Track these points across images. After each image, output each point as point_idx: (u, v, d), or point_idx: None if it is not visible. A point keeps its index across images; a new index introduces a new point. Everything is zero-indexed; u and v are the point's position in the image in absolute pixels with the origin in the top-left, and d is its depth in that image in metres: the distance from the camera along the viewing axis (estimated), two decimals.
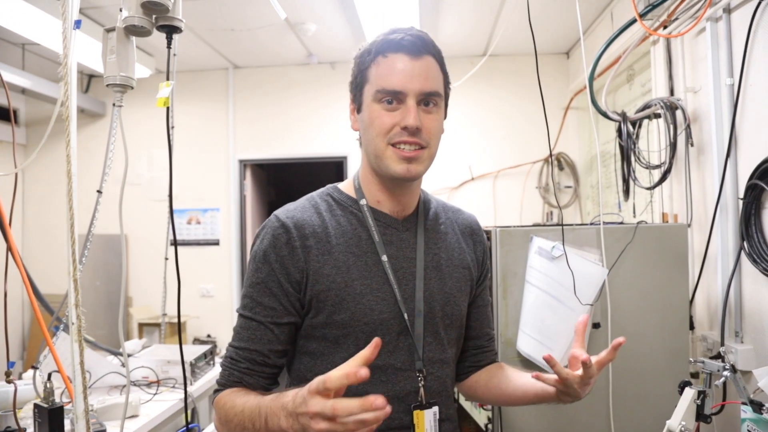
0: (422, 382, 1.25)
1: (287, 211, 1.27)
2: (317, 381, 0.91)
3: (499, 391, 1.40)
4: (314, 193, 1.34)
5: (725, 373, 1.59)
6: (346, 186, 1.35)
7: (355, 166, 5.08)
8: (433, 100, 1.23)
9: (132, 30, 1.54)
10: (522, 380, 1.35)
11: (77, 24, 1.44)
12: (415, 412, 1.24)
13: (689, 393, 1.56)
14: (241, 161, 5.27)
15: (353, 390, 1.15)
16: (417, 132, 1.20)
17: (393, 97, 1.20)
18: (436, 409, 1.26)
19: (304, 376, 1.25)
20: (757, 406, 1.58)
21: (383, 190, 1.30)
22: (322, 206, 1.29)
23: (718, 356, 2.16)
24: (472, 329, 1.46)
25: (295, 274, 1.21)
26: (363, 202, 1.30)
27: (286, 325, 1.23)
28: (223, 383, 1.23)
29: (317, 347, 1.25)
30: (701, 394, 1.56)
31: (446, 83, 1.31)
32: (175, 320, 4.77)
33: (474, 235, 1.47)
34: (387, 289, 1.24)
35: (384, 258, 1.25)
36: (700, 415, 1.56)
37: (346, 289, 1.21)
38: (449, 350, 1.34)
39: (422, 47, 1.22)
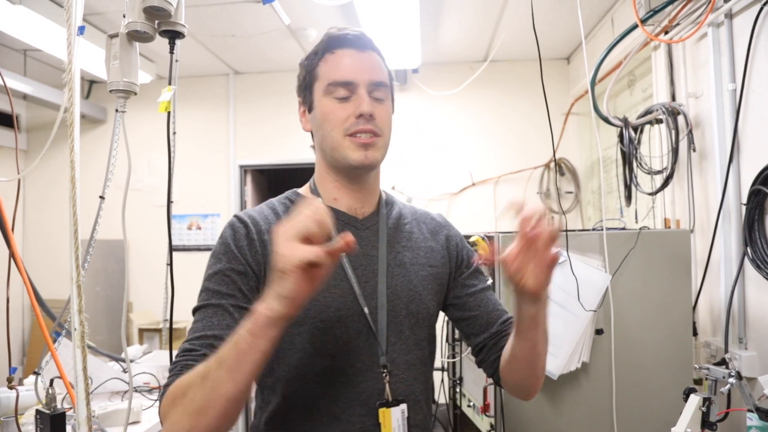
0: (387, 379, 1.20)
1: (245, 213, 1.27)
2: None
3: (512, 359, 1.24)
4: (273, 199, 1.35)
5: (731, 379, 1.59)
6: (304, 190, 1.35)
7: None
8: (382, 91, 1.26)
9: (135, 36, 1.54)
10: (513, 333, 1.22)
11: (81, 30, 1.44)
12: (381, 411, 1.18)
13: (694, 400, 1.55)
14: (241, 167, 5.27)
15: (310, 393, 1.17)
16: (371, 119, 1.21)
17: (344, 88, 1.22)
18: (404, 406, 1.21)
19: (264, 382, 1.23)
20: (763, 414, 1.57)
21: (339, 187, 1.29)
22: (280, 209, 1.29)
23: (722, 363, 2.15)
24: (478, 319, 1.35)
25: (254, 264, 1.18)
26: (319, 201, 1.22)
27: (246, 310, 1.09)
28: (172, 381, 1.04)
29: (271, 348, 1.13)
30: (706, 401, 1.56)
31: (390, 78, 1.33)
32: (176, 325, 4.76)
33: (443, 230, 1.42)
34: (345, 285, 1.21)
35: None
36: (706, 423, 1.55)
37: None
38: (416, 352, 1.28)
39: (366, 43, 1.27)
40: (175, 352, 1.14)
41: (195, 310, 1.16)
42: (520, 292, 1.15)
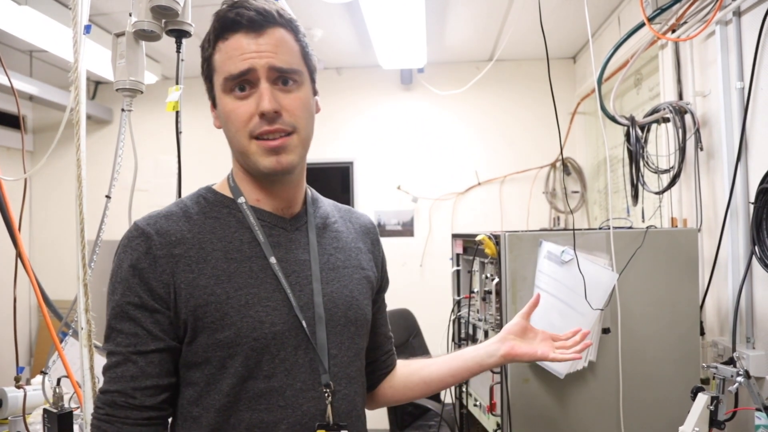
0: (329, 399, 1.08)
1: (149, 218, 1.08)
2: None
3: (423, 384, 1.38)
4: (184, 197, 1.18)
5: (739, 378, 1.58)
6: (220, 186, 1.19)
7: (362, 172, 5.08)
8: (291, 77, 1.07)
9: (141, 35, 1.55)
10: (447, 364, 1.37)
11: (87, 29, 1.45)
12: None
13: (702, 399, 1.55)
14: None
15: (244, 421, 1.03)
16: (276, 117, 1.04)
17: (243, 83, 1.05)
18: None
19: (188, 413, 1.07)
20: None
21: (260, 188, 1.14)
22: (194, 209, 1.12)
23: (730, 362, 2.14)
24: (378, 335, 1.37)
25: (159, 289, 1.02)
26: (241, 200, 1.13)
27: (154, 353, 1.02)
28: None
29: (201, 376, 1.04)
30: (714, 400, 1.55)
31: (305, 54, 1.12)
32: None
33: (370, 234, 1.34)
34: (279, 296, 1.07)
35: (272, 260, 1.08)
36: (714, 422, 1.55)
37: (228, 301, 1.02)
38: (356, 363, 1.19)
39: (264, 20, 1.05)
40: None
41: (104, 350, 1.06)
42: (507, 352, 1.33)
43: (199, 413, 1.05)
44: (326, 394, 1.08)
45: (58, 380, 1.73)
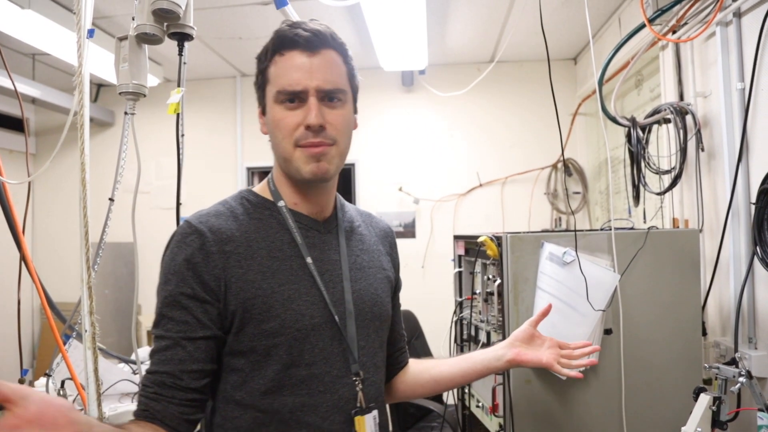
0: (360, 386, 1.21)
1: (200, 216, 1.18)
2: None
3: (434, 382, 1.49)
4: (227, 198, 1.28)
5: (741, 379, 1.58)
6: (260, 189, 1.29)
7: (363, 173, 5.09)
8: (337, 95, 1.19)
9: (144, 38, 1.55)
10: (458, 365, 1.46)
11: (90, 33, 1.45)
12: (356, 419, 1.19)
13: (704, 399, 1.55)
14: (248, 168, 5.29)
15: (287, 405, 1.14)
16: (320, 130, 1.16)
17: (293, 96, 1.16)
18: (375, 413, 1.23)
19: (231, 397, 1.16)
20: None
21: (298, 192, 1.25)
22: (238, 210, 1.22)
23: (732, 362, 2.14)
24: (393, 333, 1.46)
25: (211, 283, 1.12)
26: (281, 203, 1.25)
27: (202, 340, 1.11)
28: (135, 415, 1.10)
29: (245, 362, 1.15)
30: (717, 401, 1.55)
31: (351, 76, 1.26)
32: None
33: (388, 238, 1.47)
34: (315, 292, 1.19)
35: (309, 260, 1.20)
36: (716, 422, 1.55)
37: (273, 295, 1.14)
38: (380, 354, 1.32)
39: (319, 42, 1.18)
40: None
41: (153, 334, 1.14)
42: (513, 358, 1.42)
43: (242, 397, 1.15)
44: (356, 381, 1.20)
45: (62, 382, 1.74)
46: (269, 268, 1.16)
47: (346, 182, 5.14)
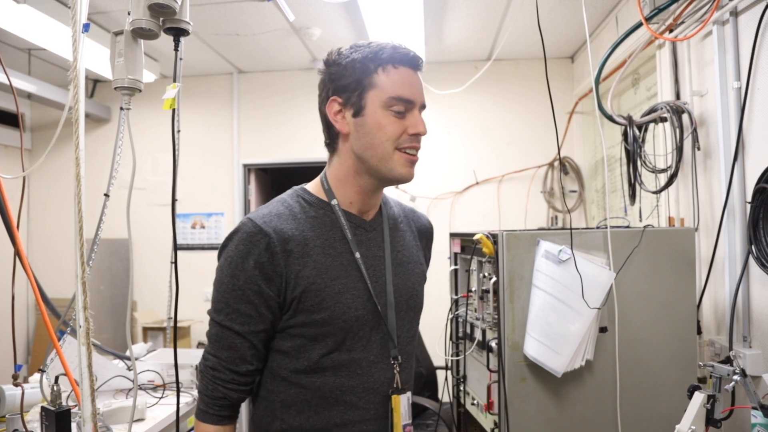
0: (397, 369, 1.33)
1: (263, 216, 1.29)
2: None
3: None
4: (284, 195, 1.38)
5: (735, 377, 1.58)
6: (314, 188, 1.38)
7: None
8: (423, 109, 1.35)
9: (139, 33, 1.54)
10: None
11: (86, 28, 1.44)
12: (393, 397, 1.31)
13: (699, 397, 1.55)
14: (245, 165, 5.27)
15: (328, 384, 1.29)
16: (421, 138, 1.33)
17: (404, 105, 1.28)
18: (409, 393, 1.35)
19: (277, 373, 1.32)
20: (767, 411, 1.57)
21: (360, 192, 1.35)
22: (296, 208, 1.32)
23: (727, 360, 2.15)
24: None
25: (275, 279, 1.24)
26: (335, 202, 1.34)
27: (261, 333, 1.28)
28: (208, 395, 1.29)
29: (293, 345, 1.30)
30: (711, 399, 1.55)
31: None
32: (180, 324, 4.77)
33: (426, 234, 1.58)
34: (361, 286, 1.30)
35: (357, 255, 1.31)
36: (710, 420, 1.55)
37: (325, 289, 1.26)
38: (412, 342, 1.44)
39: (420, 64, 1.34)
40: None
41: (215, 321, 1.29)
42: None
43: (287, 375, 1.31)
44: (394, 365, 1.33)
45: (56, 378, 1.73)
46: (323, 264, 1.27)
47: None
